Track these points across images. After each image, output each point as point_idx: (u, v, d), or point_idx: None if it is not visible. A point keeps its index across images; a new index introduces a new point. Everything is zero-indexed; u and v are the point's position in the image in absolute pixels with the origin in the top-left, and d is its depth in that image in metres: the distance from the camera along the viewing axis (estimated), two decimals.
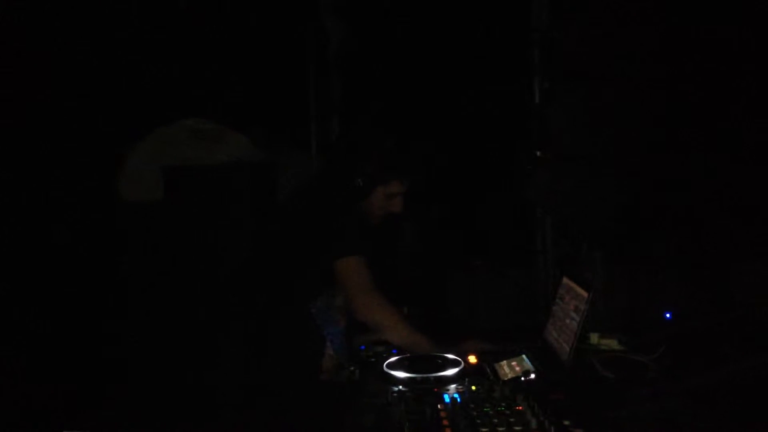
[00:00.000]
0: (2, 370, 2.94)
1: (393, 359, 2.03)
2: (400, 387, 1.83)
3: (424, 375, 1.88)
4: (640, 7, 3.41)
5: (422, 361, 1.99)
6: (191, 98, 3.24)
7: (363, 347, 2.28)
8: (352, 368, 2.13)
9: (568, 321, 2.02)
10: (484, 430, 1.51)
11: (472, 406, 1.64)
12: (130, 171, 2.53)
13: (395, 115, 3.84)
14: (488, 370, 2.00)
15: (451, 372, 1.90)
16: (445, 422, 1.56)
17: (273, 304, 2.24)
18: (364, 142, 2.32)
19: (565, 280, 2.17)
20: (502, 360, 2.06)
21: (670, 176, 3.37)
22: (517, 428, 1.51)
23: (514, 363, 2.02)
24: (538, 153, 3.70)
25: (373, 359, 2.15)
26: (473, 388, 1.77)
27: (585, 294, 1.95)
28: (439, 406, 1.66)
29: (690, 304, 2.92)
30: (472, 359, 2.06)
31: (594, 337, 2.26)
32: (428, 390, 1.79)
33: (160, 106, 3.09)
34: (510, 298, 4.10)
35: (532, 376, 1.88)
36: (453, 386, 1.82)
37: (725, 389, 1.78)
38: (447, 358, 2.02)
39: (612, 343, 2.21)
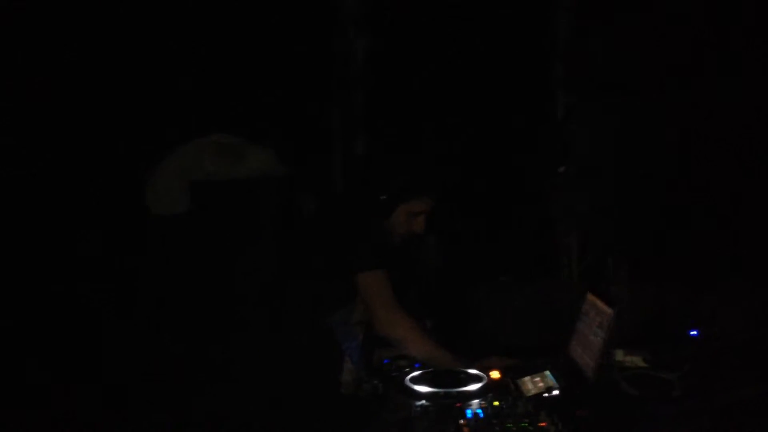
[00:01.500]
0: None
1: (415, 374, 2.03)
2: (423, 401, 1.83)
3: (447, 390, 1.88)
4: (666, 19, 3.40)
5: (445, 376, 1.99)
6: (217, 113, 3.29)
7: (386, 361, 2.28)
8: (375, 382, 2.12)
9: (592, 337, 2.01)
10: None
11: (494, 421, 1.63)
12: (157, 185, 2.57)
13: (418, 131, 3.86)
14: (511, 385, 1.99)
15: (473, 387, 1.89)
16: None
17: (293, 318, 2.25)
18: (388, 160, 2.34)
19: (589, 296, 2.16)
20: (525, 376, 2.04)
21: (696, 191, 3.34)
22: None
23: (537, 379, 2.01)
24: (561, 168, 3.68)
25: (395, 374, 2.15)
26: (496, 403, 1.76)
27: (609, 311, 1.94)
28: (461, 421, 1.66)
29: (716, 321, 2.88)
30: (495, 374, 2.05)
31: (619, 354, 2.23)
32: (451, 405, 1.79)
33: (187, 121, 3.13)
34: (535, 313, 4.06)
35: (556, 392, 1.86)
36: (476, 401, 1.81)
37: (751, 409, 1.76)
38: (469, 373, 2.01)
39: (637, 360, 2.18)
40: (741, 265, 3.07)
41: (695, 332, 2.36)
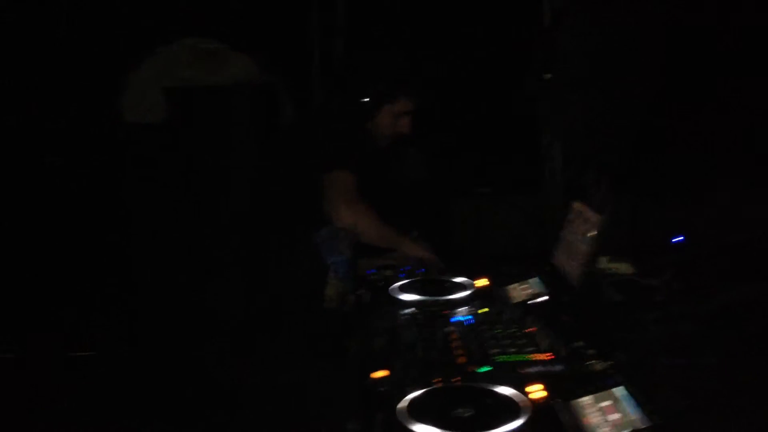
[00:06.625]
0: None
1: (402, 282, 2.02)
2: (410, 310, 1.83)
3: (434, 298, 1.87)
4: None
5: (432, 284, 1.98)
6: (193, 18, 3.14)
7: (371, 271, 2.26)
8: (361, 291, 2.11)
9: (578, 244, 2.00)
10: (494, 351, 1.50)
11: (483, 328, 1.63)
12: (131, 92, 2.47)
13: (401, 36, 3.75)
14: (498, 292, 1.99)
15: (461, 295, 1.89)
16: (457, 344, 1.56)
17: (273, 228, 2.20)
18: (372, 60, 2.25)
19: (576, 204, 2.14)
20: (512, 283, 2.05)
21: (681, 100, 3.31)
22: (528, 350, 1.50)
23: (524, 286, 2.01)
24: (546, 76, 3.60)
25: (381, 283, 2.14)
26: (484, 310, 1.76)
27: (597, 217, 1.92)
28: (450, 328, 1.66)
29: (696, 231, 2.90)
30: (482, 282, 2.05)
31: (603, 261, 2.24)
32: (438, 313, 1.78)
33: (161, 24, 2.99)
34: (516, 225, 4.08)
35: (543, 298, 1.87)
36: (463, 309, 1.81)
37: (735, 313, 1.78)
38: (456, 281, 2.01)
39: (622, 267, 2.19)
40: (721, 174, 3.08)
41: (679, 239, 2.37)
